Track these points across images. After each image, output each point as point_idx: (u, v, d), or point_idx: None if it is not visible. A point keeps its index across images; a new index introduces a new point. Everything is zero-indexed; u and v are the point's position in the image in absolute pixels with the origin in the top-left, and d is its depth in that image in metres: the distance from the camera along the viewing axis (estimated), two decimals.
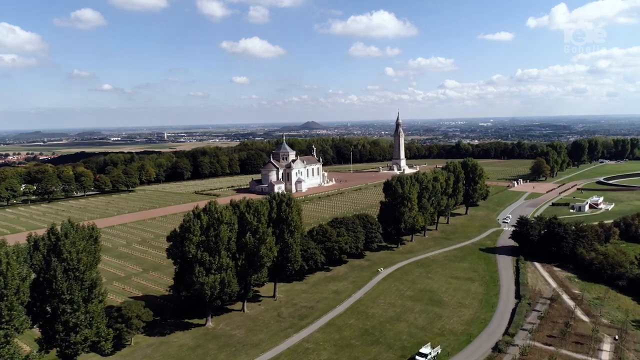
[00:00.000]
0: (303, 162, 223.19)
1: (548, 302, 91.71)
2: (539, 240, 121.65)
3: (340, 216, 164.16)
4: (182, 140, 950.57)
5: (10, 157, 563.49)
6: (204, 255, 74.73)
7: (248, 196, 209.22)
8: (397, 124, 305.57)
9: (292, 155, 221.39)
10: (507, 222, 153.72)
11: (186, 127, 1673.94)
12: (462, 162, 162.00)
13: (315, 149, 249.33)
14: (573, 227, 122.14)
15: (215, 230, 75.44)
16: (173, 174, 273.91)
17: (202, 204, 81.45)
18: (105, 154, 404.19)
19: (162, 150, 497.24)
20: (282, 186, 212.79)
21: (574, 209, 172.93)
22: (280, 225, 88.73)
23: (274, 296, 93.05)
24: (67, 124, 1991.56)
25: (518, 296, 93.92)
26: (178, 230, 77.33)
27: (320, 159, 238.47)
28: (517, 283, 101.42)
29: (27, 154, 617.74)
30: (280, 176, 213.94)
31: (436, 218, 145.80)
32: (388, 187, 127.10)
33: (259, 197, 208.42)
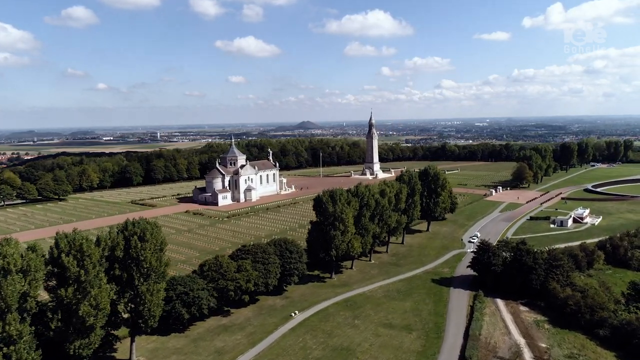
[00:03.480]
0: (254, 167, 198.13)
1: None
2: (504, 271, 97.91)
3: (279, 233, 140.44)
4: (175, 140, 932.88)
5: None
6: None
7: (190, 207, 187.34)
8: (370, 125, 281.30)
9: (241, 159, 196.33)
10: (473, 242, 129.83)
11: (182, 126, 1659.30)
12: (421, 171, 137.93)
13: (271, 152, 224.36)
14: (545, 255, 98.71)
15: None
16: (122, 179, 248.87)
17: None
18: (86, 154, 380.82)
19: (152, 149, 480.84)
20: (229, 195, 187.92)
21: (555, 224, 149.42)
22: (130, 267, 64.34)
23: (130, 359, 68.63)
24: (63, 123, 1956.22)
25: (464, 357, 70.09)
26: None
27: (277, 164, 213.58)
28: (467, 334, 77.60)
29: (12, 154, 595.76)
30: (226, 184, 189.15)
31: (386, 238, 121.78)
32: (318, 203, 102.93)
33: (201, 207, 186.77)
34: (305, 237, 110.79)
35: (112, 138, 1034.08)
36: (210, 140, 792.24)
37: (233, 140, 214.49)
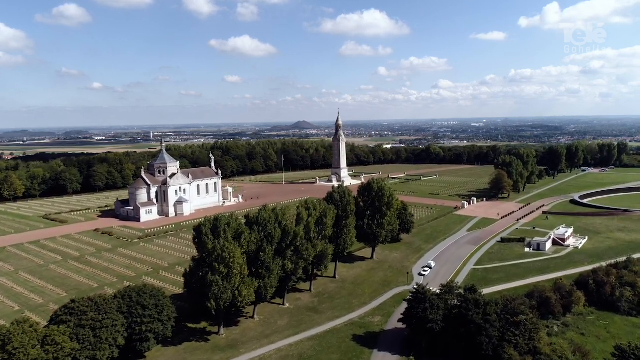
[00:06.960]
0: (187, 176, 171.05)
1: None
2: (445, 330, 72.30)
3: (189, 262, 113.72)
4: (167, 139, 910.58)
5: None
6: None
7: (108, 222, 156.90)
8: (337, 126, 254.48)
9: (172, 167, 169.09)
10: (424, 275, 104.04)
11: (179, 126, 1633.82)
12: (363, 187, 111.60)
13: (213, 158, 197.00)
14: (501, 306, 73.10)
15: None
16: (56, 187, 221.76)
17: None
18: (70, 154, 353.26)
19: (142, 150, 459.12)
20: (154, 209, 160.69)
21: (530, 247, 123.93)
22: None
23: None
24: (59, 123, 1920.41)
25: None
26: None
27: (219, 172, 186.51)
28: None
29: None
30: (153, 196, 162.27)
31: (310, 272, 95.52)
32: (198, 235, 76.69)
33: (119, 224, 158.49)
34: None
35: (104, 138, 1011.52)
36: (202, 140, 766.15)
37: (163, 145, 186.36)
